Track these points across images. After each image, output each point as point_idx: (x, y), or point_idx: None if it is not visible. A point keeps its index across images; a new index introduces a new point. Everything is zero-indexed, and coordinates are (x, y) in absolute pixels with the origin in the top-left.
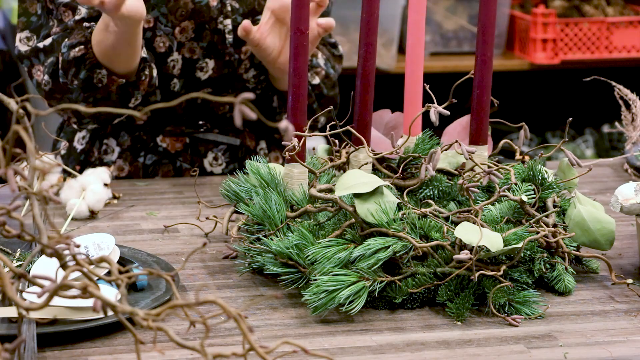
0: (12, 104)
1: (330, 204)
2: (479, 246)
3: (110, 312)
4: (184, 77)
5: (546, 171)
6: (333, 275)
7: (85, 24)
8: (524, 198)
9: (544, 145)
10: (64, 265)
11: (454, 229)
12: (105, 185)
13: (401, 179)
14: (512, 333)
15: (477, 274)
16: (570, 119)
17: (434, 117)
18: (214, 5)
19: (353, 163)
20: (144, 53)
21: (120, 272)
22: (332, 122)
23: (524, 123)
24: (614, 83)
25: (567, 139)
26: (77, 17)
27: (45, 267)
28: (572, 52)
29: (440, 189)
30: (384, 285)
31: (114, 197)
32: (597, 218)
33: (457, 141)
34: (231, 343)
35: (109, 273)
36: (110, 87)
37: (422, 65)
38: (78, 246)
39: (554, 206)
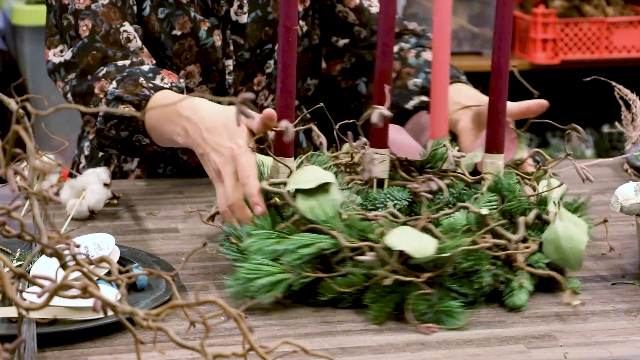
0: (12, 104)
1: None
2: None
3: (110, 312)
4: None
5: (525, 183)
6: (256, 264)
7: (143, 81)
8: (484, 211)
9: (554, 162)
10: (64, 265)
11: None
12: (105, 185)
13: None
14: (512, 333)
15: (391, 279)
16: (570, 129)
17: (375, 118)
18: (218, 45)
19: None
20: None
21: (120, 272)
22: (342, 122)
23: (573, 124)
24: (614, 83)
25: (570, 153)
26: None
27: (45, 267)
28: (572, 52)
29: (455, 194)
30: (310, 281)
31: (114, 197)
32: (571, 236)
33: (444, 145)
34: (231, 343)
35: (109, 273)
36: (146, 149)
37: (448, 67)
38: (78, 246)
39: (539, 220)
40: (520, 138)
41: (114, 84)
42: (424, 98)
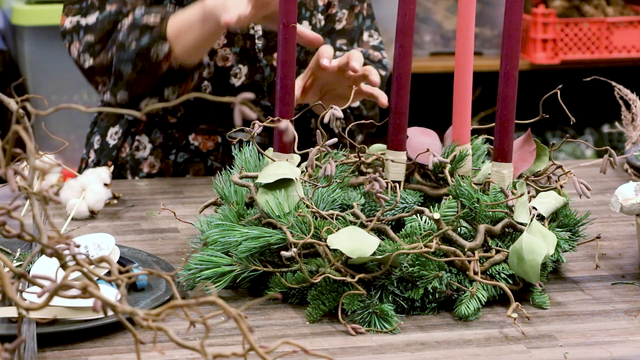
0: (12, 104)
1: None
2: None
3: (110, 312)
4: (217, 82)
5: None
6: (207, 255)
7: (168, 4)
8: (436, 215)
9: (554, 163)
10: (64, 265)
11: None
12: (105, 185)
13: (433, 188)
14: (512, 333)
15: (320, 277)
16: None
17: (327, 118)
18: None
19: (388, 167)
20: (206, 59)
21: (120, 272)
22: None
23: (609, 148)
24: (614, 83)
25: (571, 171)
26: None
27: (45, 267)
28: (572, 52)
29: (463, 204)
30: (257, 275)
31: (114, 197)
32: (532, 249)
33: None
34: (231, 343)
35: (109, 273)
36: (161, 65)
37: (472, 71)
38: (78, 246)
39: (509, 228)
40: (542, 150)
41: (143, 7)
42: None
